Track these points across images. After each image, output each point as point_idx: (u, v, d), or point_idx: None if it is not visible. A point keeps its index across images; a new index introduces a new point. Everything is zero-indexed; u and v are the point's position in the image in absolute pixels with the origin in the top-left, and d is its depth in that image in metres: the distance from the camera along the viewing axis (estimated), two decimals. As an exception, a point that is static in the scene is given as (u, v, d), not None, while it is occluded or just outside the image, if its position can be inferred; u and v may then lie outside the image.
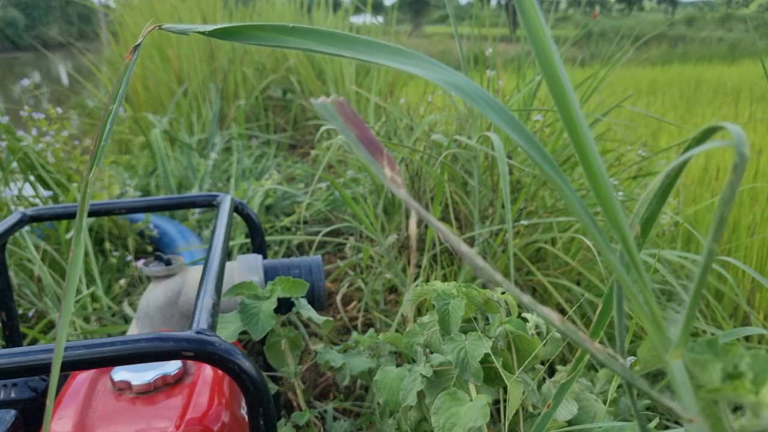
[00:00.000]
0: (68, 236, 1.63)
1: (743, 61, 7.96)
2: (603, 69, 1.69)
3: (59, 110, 1.91)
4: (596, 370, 1.17)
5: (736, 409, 0.27)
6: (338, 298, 1.57)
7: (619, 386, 0.83)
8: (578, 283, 1.43)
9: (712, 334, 1.27)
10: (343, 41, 0.31)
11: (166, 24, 0.38)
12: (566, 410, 0.71)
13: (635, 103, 3.88)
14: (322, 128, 1.71)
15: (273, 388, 0.90)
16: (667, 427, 1.01)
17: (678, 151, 2.15)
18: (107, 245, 1.75)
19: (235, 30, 0.34)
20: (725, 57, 8.89)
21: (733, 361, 0.25)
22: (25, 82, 2.16)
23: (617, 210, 0.26)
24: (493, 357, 0.70)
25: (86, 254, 1.56)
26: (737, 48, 10.76)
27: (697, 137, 0.27)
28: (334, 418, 1.14)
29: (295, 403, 1.20)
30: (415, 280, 1.43)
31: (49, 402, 0.29)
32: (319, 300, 0.96)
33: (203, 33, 0.36)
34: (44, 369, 0.49)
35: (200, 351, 0.52)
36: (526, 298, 0.26)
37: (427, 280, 1.36)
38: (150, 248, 1.85)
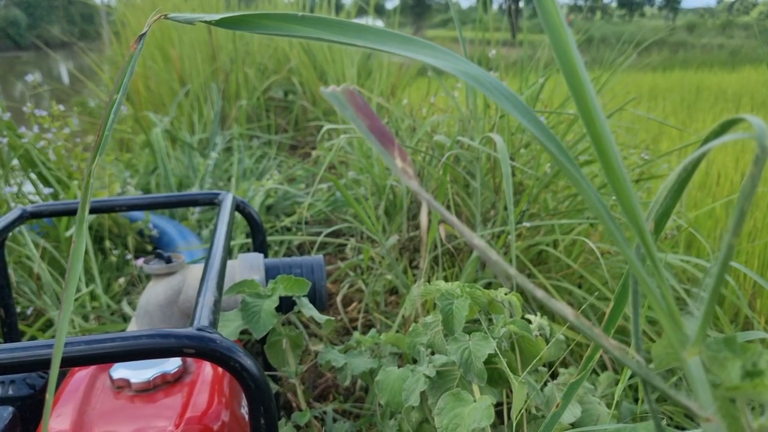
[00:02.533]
0: (68, 234, 1.62)
1: (744, 67, 7.96)
2: (605, 74, 1.69)
3: (62, 108, 1.90)
4: (598, 374, 1.16)
5: (753, 408, 0.27)
6: (339, 299, 1.56)
7: (623, 390, 0.82)
8: (579, 287, 1.43)
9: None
10: (353, 30, 0.31)
11: (171, 14, 0.38)
12: (570, 413, 0.71)
13: (636, 108, 3.88)
14: (324, 129, 1.70)
15: (273, 388, 0.89)
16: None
17: (680, 155, 2.15)
18: (107, 244, 1.74)
19: (243, 19, 0.34)
20: (726, 63, 8.89)
21: (753, 359, 0.25)
22: (29, 77, 2.16)
23: (634, 202, 0.25)
24: (498, 357, 0.69)
25: (86, 252, 1.55)
26: (738, 55, 10.77)
27: (715, 130, 0.27)
28: (334, 420, 1.13)
29: (294, 404, 1.19)
30: (416, 282, 1.43)
31: (49, 396, 0.29)
32: (320, 300, 0.95)
33: (209, 22, 0.35)
34: (44, 364, 0.49)
35: (201, 348, 0.51)
36: (540, 293, 0.26)
37: (429, 282, 1.35)
38: (149, 247, 1.84)
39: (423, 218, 0.26)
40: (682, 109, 4.36)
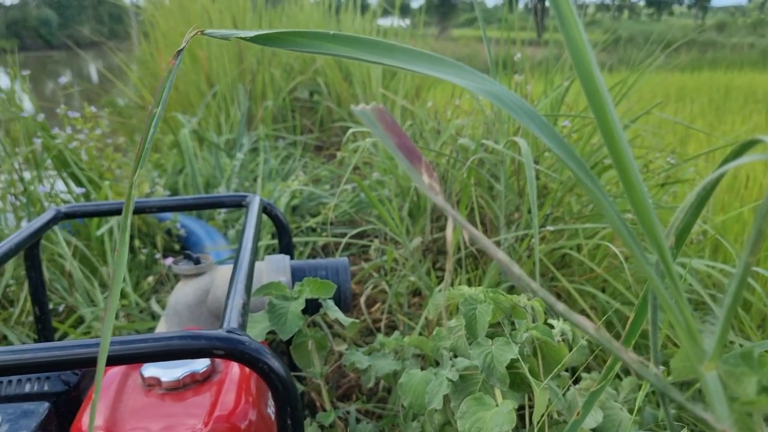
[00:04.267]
0: (98, 233, 1.66)
1: (775, 67, 7.82)
2: (632, 75, 1.68)
3: (93, 109, 1.94)
4: (620, 379, 1.16)
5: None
6: (362, 299, 1.58)
7: (645, 395, 0.82)
8: (603, 290, 1.42)
9: (741, 345, 1.25)
10: (383, 49, 0.32)
11: (208, 30, 0.39)
12: (592, 418, 0.71)
13: (663, 109, 3.83)
14: (350, 131, 1.72)
15: (298, 388, 0.91)
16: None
17: (707, 159, 2.13)
18: (136, 242, 1.77)
19: (277, 36, 0.35)
20: (757, 63, 8.74)
21: (769, 374, 0.25)
22: (62, 79, 2.21)
23: (653, 217, 0.26)
24: (520, 362, 0.70)
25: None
26: (769, 54, 10.57)
27: (734, 150, 0.28)
28: (357, 420, 1.15)
29: (318, 404, 1.21)
30: (438, 284, 1.43)
31: (95, 396, 0.30)
32: (345, 302, 0.96)
33: (245, 39, 0.37)
34: (81, 363, 0.50)
35: (231, 350, 0.52)
36: (561, 306, 0.27)
37: (452, 285, 1.36)
38: (177, 246, 1.88)
39: (449, 233, 0.27)
40: (710, 110, 4.30)
